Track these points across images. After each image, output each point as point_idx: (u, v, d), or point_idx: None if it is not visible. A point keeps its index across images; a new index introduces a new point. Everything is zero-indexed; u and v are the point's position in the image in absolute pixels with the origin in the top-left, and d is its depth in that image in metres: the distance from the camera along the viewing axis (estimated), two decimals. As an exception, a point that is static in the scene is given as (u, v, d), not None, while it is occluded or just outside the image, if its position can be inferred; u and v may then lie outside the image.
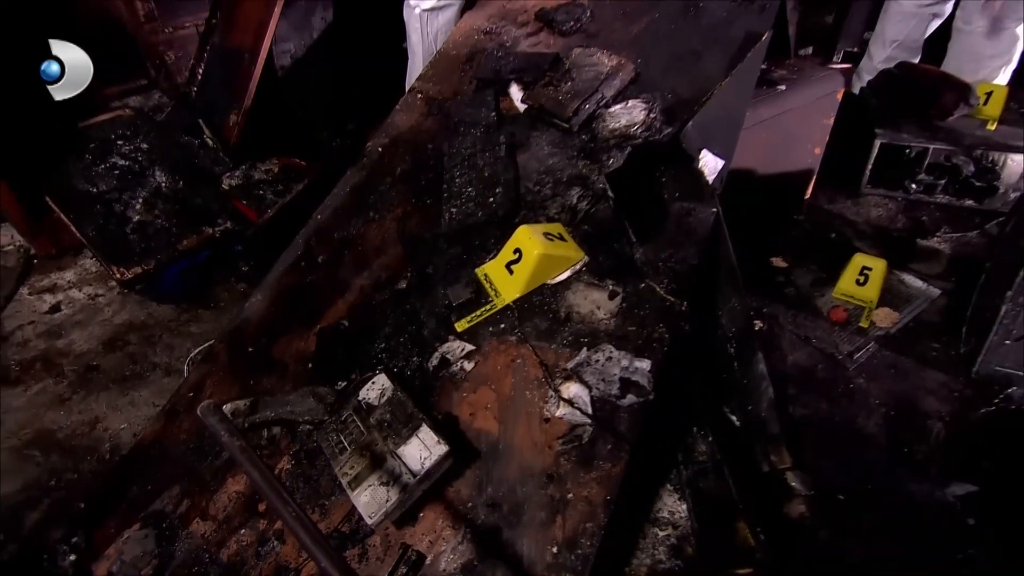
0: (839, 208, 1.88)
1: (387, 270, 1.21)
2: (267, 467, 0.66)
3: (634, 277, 1.06)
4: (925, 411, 1.25)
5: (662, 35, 1.44)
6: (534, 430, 0.93)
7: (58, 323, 1.55)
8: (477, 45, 1.59)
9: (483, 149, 1.31)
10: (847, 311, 1.48)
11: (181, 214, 1.75)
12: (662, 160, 1.24)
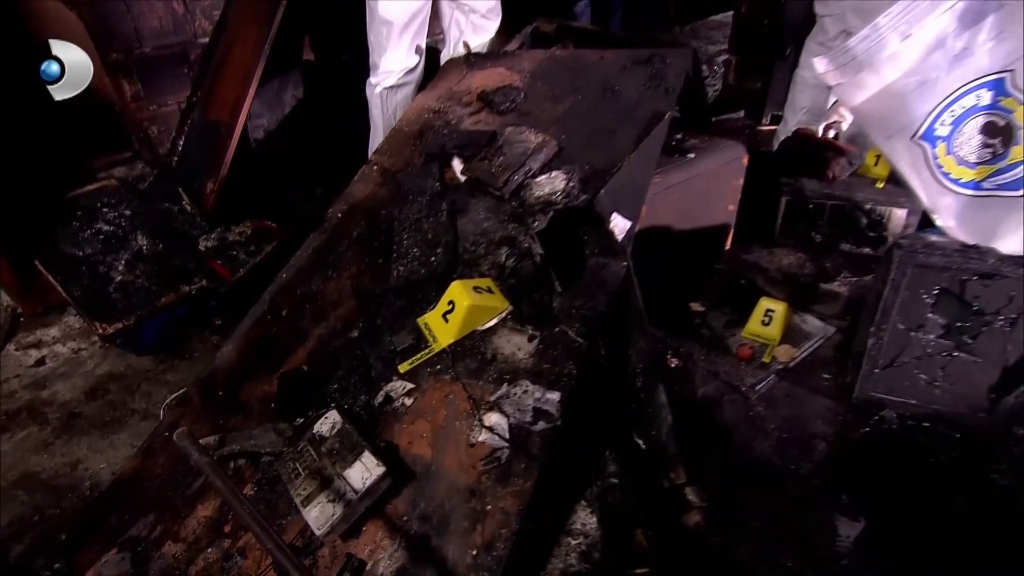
0: (755, 257, 2.11)
1: (342, 321, 1.39)
2: (232, 483, 0.82)
3: (550, 323, 1.26)
4: (812, 433, 1.45)
5: (583, 115, 1.68)
6: (461, 454, 1.10)
7: (43, 375, 1.69)
8: (427, 122, 1.83)
9: (428, 215, 1.52)
10: (752, 348, 1.69)
11: (160, 273, 1.92)
12: (580, 222, 1.46)
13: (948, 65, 1.37)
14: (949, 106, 1.39)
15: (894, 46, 1.37)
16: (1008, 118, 1.37)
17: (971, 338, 1.38)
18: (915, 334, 1.42)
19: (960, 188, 1.45)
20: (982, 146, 1.41)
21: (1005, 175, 1.40)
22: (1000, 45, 1.33)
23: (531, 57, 1.95)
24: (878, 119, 1.52)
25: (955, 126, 1.41)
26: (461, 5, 2.13)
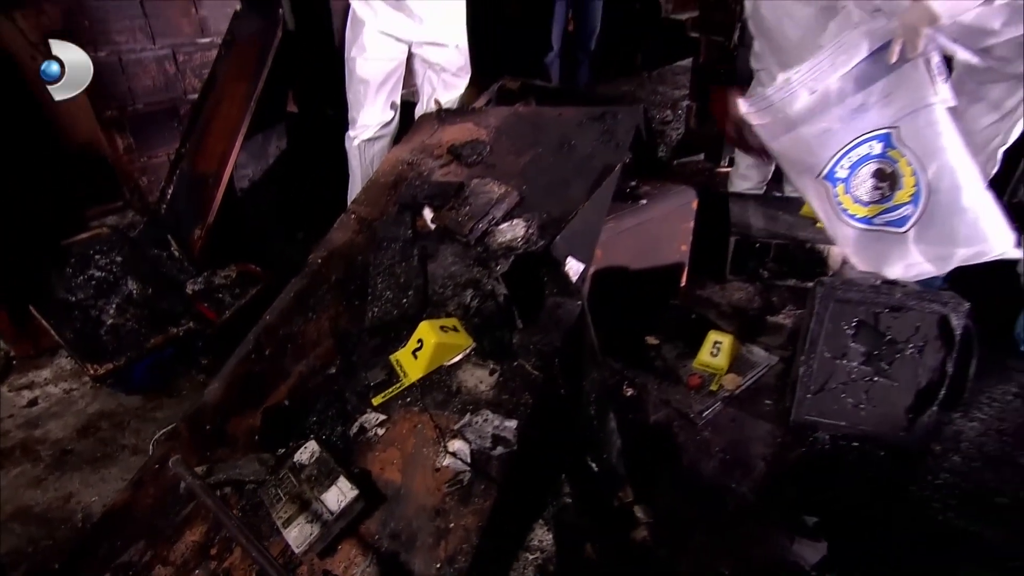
0: (709, 293, 2.28)
1: (321, 359, 1.52)
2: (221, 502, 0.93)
3: (509, 358, 1.40)
4: (752, 454, 1.59)
5: (542, 167, 1.85)
6: (427, 477, 1.22)
7: (36, 415, 1.78)
8: (401, 174, 1.99)
9: (400, 260, 1.66)
10: (701, 378, 1.84)
11: (149, 316, 2.03)
12: (539, 265, 1.61)
13: (847, 118, 1.60)
14: (847, 153, 1.63)
15: (803, 99, 1.60)
16: (894, 166, 1.60)
17: (887, 364, 1.54)
18: (840, 362, 1.58)
19: (855, 222, 1.71)
20: (874, 188, 1.66)
21: (891, 214, 1.65)
22: (888, 105, 1.55)
23: (497, 113, 2.13)
24: (791, 159, 1.76)
25: (852, 170, 1.66)
26: (433, 65, 2.32)
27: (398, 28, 2.19)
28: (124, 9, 2.21)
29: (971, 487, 1.47)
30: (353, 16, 2.20)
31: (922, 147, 1.58)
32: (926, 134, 1.57)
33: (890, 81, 1.52)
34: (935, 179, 1.59)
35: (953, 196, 1.60)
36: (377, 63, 2.22)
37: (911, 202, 1.62)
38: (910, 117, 1.56)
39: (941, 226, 1.63)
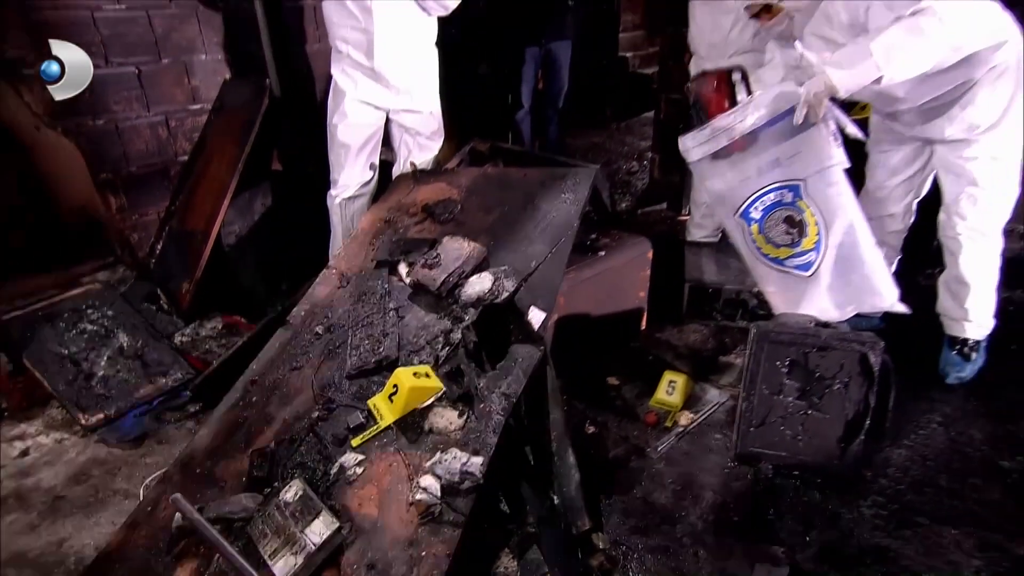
0: (667, 335, 2.45)
1: (304, 405, 1.64)
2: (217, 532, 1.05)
3: (477, 401, 1.54)
4: (702, 484, 1.73)
5: (508, 224, 2.04)
6: (402, 511, 1.34)
7: (28, 465, 1.86)
8: (379, 231, 2.15)
9: (377, 312, 1.81)
10: (658, 415, 1.99)
11: (139, 368, 2.15)
12: (504, 315, 1.77)
13: (763, 167, 1.84)
14: (761, 196, 1.88)
15: (724, 144, 1.86)
16: (802, 215, 1.84)
17: (818, 399, 1.71)
18: (777, 397, 1.75)
19: (768, 261, 1.97)
20: (785, 233, 1.90)
21: (799, 259, 1.89)
22: (798, 161, 1.80)
23: (467, 174, 2.32)
24: (716, 195, 2.01)
25: (765, 213, 1.91)
26: (408, 129, 2.53)
27: (376, 97, 2.39)
28: (123, 81, 2.39)
29: (896, 508, 1.63)
30: (335, 86, 2.41)
31: (824, 202, 1.82)
32: (827, 192, 1.81)
33: (800, 139, 1.77)
34: (833, 233, 1.82)
35: (849, 251, 1.84)
36: (357, 128, 2.42)
37: (814, 249, 1.87)
38: (816, 174, 1.80)
39: (840, 276, 1.87)
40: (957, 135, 1.87)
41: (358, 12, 2.23)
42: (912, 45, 1.58)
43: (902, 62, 1.59)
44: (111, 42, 2.32)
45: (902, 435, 1.86)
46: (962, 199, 1.95)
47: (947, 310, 2.11)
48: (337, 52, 2.37)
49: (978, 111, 1.82)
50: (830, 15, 1.82)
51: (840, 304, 1.90)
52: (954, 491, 1.67)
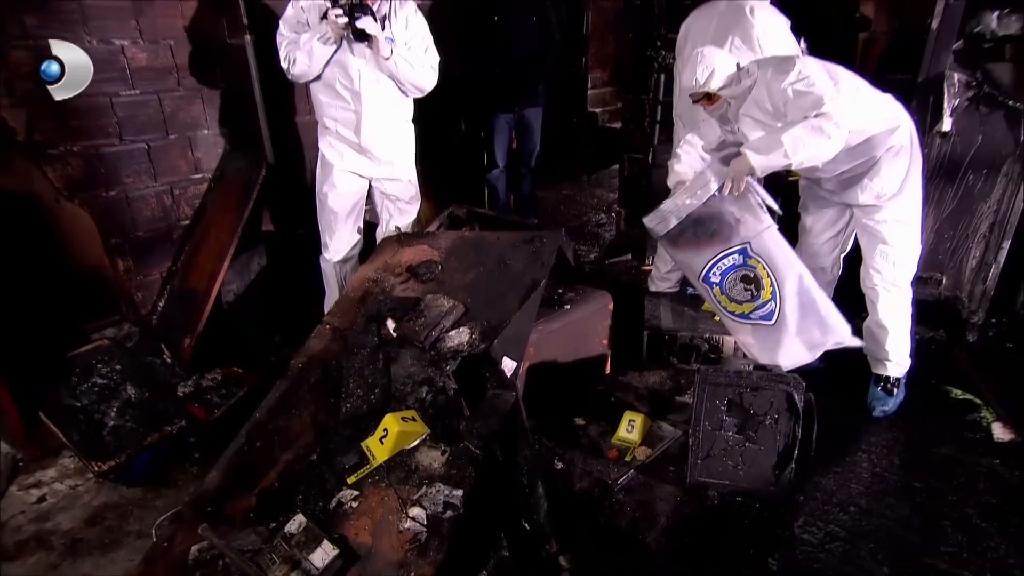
0: (629, 379, 2.71)
1: (304, 448, 1.85)
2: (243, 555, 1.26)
3: (457, 441, 1.77)
4: (658, 512, 1.97)
5: (483, 282, 2.30)
6: (393, 538, 1.56)
7: (45, 510, 2.03)
8: (368, 290, 2.40)
9: (368, 364, 2.04)
10: (619, 451, 2.23)
11: (146, 417, 2.33)
12: (481, 364, 2.02)
13: (704, 239, 2.19)
14: (716, 263, 2.21)
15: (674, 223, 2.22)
16: (755, 272, 2.14)
17: (754, 433, 1.97)
18: (719, 432, 2.01)
19: (736, 318, 2.23)
20: (743, 290, 2.20)
21: (761, 310, 2.18)
22: (740, 227, 2.13)
23: (447, 237, 2.60)
24: (680, 263, 2.39)
25: (723, 276, 2.21)
26: (389, 195, 2.80)
27: (361, 168, 2.68)
28: (134, 157, 2.64)
29: (822, 526, 1.88)
30: (323, 159, 2.69)
31: (769, 259, 2.14)
32: (770, 248, 2.14)
33: (738, 208, 2.12)
34: (785, 284, 2.12)
35: (803, 297, 2.13)
36: (345, 197, 2.69)
37: (772, 299, 2.16)
38: (758, 236, 2.14)
39: (802, 320, 2.14)
40: (868, 201, 2.21)
41: (348, 96, 2.53)
42: (813, 141, 1.92)
43: (806, 153, 1.95)
44: (126, 123, 2.58)
45: (831, 463, 2.13)
46: (876, 255, 2.27)
47: (871, 351, 2.41)
48: (324, 128, 2.66)
49: (883, 182, 2.16)
50: (759, 101, 2.16)
51: (810, 345, 2.17)
52: (872, 510, 1.93)
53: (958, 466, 2.10)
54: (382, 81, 2.56)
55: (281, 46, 2.46)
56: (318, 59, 2.43)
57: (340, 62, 2.48)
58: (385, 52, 2.45)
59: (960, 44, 2.63)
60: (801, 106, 1.98)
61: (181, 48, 2.71)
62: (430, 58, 2.61)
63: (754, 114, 2.19)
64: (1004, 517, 1.88)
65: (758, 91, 2.14)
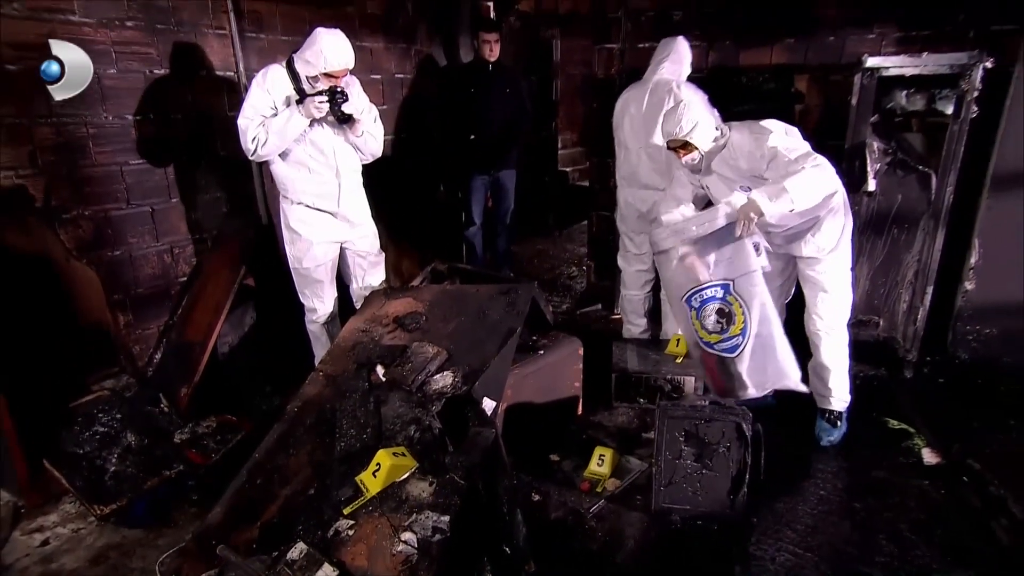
0: (599, 418, 2.93)
1: (302, 483, 2.02)
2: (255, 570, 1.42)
3: (443, 473, 1.96)
4: (626, 536, 2.16)
5: (464, 331, 2.53)
6: (387, 561, 1.72)
7: (49, 552, 2.13)
8: (358, 339, 2.61)
9: (360, 406, 2.23)
10: (591, 483, 2.43)
11: (146, 463, 2.46)
12: (463, 405, 2.23)
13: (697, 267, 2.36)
14: (699, 291, 2.38)
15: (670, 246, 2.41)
16: (730, 308, 2.35)
17: (709, 460, 2.20)
18: (679, 461, 2.23)
19: (703, 345, 2.43)
20: (716, 322, 2.38)
21: (727, 343, 2.37)
22: (729, 265, 2.33)
23: (430, 290, 2.84)
24: (668, 281, 2.54)
25: (702, 304, 2.39)
26: (360, 252, 2.99)
27: (336, 234, 2.88)
28: (139, 219, 2.86)
29: (773, 543, 2.09)
30: (295, 234, 2.81)
31: (748, 299, 2.33)
32: (751, 290, 2.33)
33: (732, 248, 2.31)
34: (756, 323, 2.34)
35: (766, 340, 2.35)
36: (326, 264, 2.90)
37: (740, 334, 2.35)
38: (743, 276, 2.32)
39: (759, 359, 2.36)
40: (811, 253, 2.51)
41: (326, 171, 2.73)
42: (812, 186, 2.20)
43: (807, 198, 2.20)
44: (133, 188, 2.81)
45: (782, 488, 2.35)
46: (818, 302, 2.57)
47: (815, 388, 2.67)
48: (294, 203, 2.76)
49: (824, 237, 2.47)
50: (728, 159, 2.45)
51: (758, 384, 2.39)
52: (816, 527, 2.15)
53: (893, 487, 2.34)
54: (351, 153, 2.79)
55: (248, 129, 2.53)
56: (289, 140, 2.57)
57: (312, 141, 2.65)
58: (359, 130, 2.70)
59: (876, 118, 3.03)
60: (784, 163, 2.25)
61: (186, 121, 2.98)
62: (380, 128, 2.84)
63: (724, 171, 2.49)
64: (930, 530, 2.12)
65: (730, 151, 2.42)
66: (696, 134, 2.40)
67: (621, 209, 3.39)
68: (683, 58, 3.07)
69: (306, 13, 3.42)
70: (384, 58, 4.02)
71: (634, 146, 3.15)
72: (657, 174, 3.07)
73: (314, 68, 2.51)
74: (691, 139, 2.41)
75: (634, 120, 3.11)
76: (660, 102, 2.93)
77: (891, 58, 3.03)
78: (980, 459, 2.38)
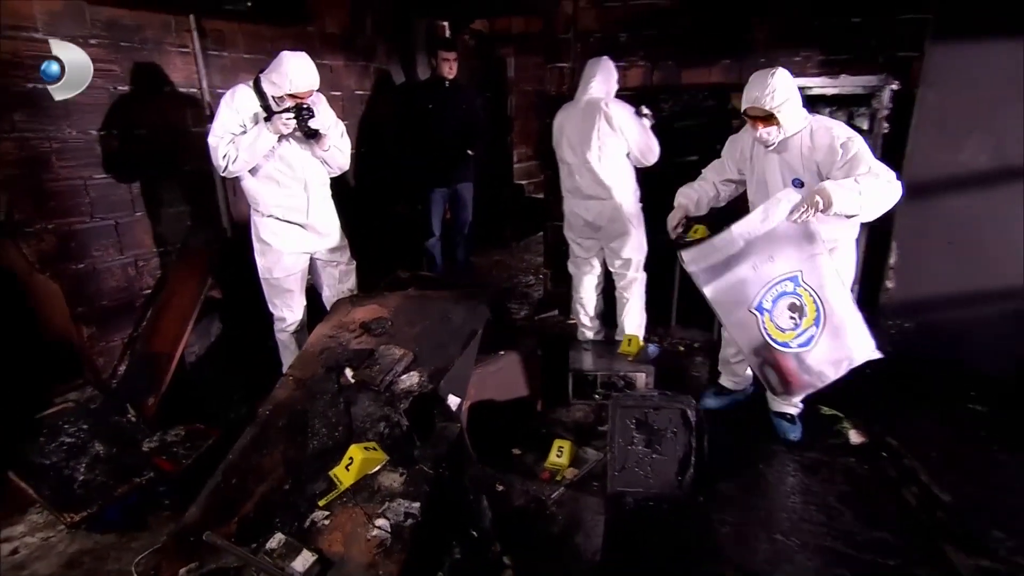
0: (557, 414, 3.10)
1: (277, 480, 2.11)
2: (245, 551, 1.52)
3: (412, 464, 2.09)
4: (584, 519, 2.32)
5: (429, 334, 2.67)
6: (362, 545, 1.84)
7: (20, 561, 2.14)
8: (325, 345, 2.71)
9: (330, 406, 2.34)
10: (551, 473, 2.59)
11: (115, 471, 2.50)
12: (429, 402, 2.36)
13: (763, 266, 2.28)
14: (769, 289, 2.30)
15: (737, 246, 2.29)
16: (801, 300, 2.28)
17: (659, 445, 2.39)
18: (631, 447, 2.41)
19: (779, 347, 2.33)
20: (789, 318, 2.30)
21: (801, 337, 2.31)
22: (792, 257, 2.27)
23: (394, 297, 2.97)
24: (724, 299, 2.35)
25: (774, 303, 2.30)
26: (330, 262, 3.12)
27: (306, 244, 2.99)
28: (103, 233, 2.89)
29: (718, 518, 2.29)
30: (265, 245, 2.91)
31: (817, 284, 2.27)
32: (819, 274, 2.27)
33: (793, 237, 2.24)
34: (829, 306, 2.27)
35: (840, 321, 2.28)
36: (296, 275, 3.01)
37: (814, 324, 2.28)
38: (808, 263, 2.26)
39: (836, 342, 2.29)
40: None
41: (294, 185, 2.84)
42: (882, 198, 2.18)
43: (872, 207, 2.17)
44: (97, 202, 2.85)
45: (734, 473, 2.55)
46: None
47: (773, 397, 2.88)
48: (265, 216, 2.86)
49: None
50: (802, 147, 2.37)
51: (837, 366, 2.30)
52: (755, 504, 2.36)
53: (823, 465, 2.59)
54: (318, 167, 2.92)
55: (219, 147, 2.62)
56: (258, 156, 2.67)
57: (282, 156, 2.75)
58: (326, 145, 2.83)
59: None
60: (862, 168, 2.21)
61: (151, 136, 3.04)
62: (347, 141, 2.97)
63: (791, 157, 2.40)
64: (854, 499, 2.36)
65: (806, 140, 2.35)
66: (785, 110, 2.31)
67: (568, 219, 3.58)
68: (610, 76, 3.26)
69: (267, 32, 3.52)
70: (344, 75, 4.15)
71: (574, 161, 3.29)
72: (598, 185, 3.24)
73: (280, 89, 2.62)
74: (778, 113, 2.31)
75: (571, 139, 3.26)
76: (592, 120, 3.14)
77: (815, 79, 3.35)
78: (897, 437, 2.65)
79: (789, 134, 2.38)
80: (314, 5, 3.83)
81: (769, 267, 2.28)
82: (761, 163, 2.53)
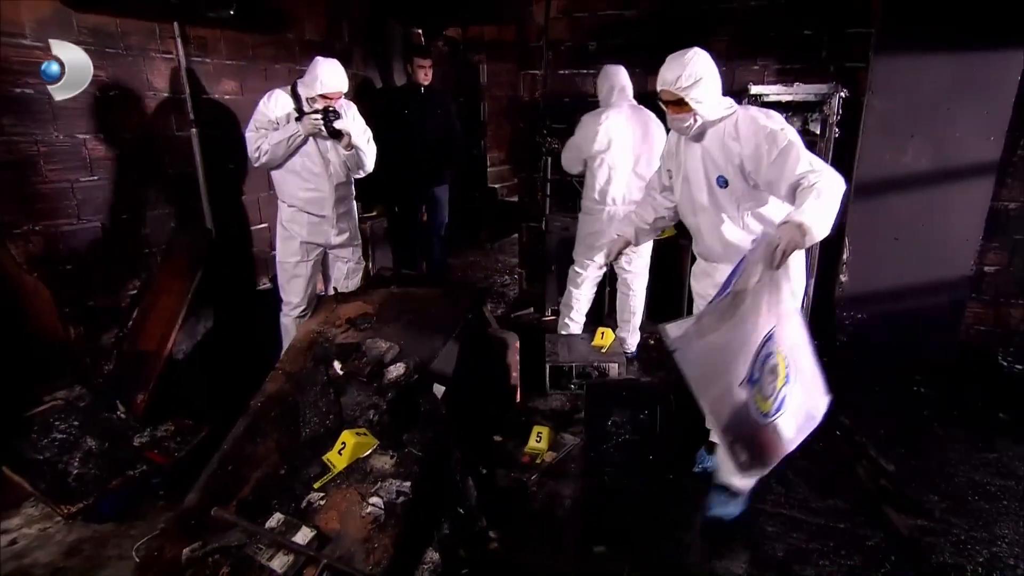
0: (536, 403, 3.25)
1: (272, 466, 2.22)
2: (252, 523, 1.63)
3: (401, 448, 2.22)
4: (563, 496, 2.48)
5: (414, 327, 2.80)
6: (357, 522, 1.96)
7: (19, 551, 2.20)
8: (313, 340, 2.82)
9: (321, 396, 2.45)
10: (531, 457, 2.75)
11: (108, 464, 2.57)
12: (415, 391, 2.49)
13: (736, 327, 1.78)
14: (760, 352, 1.79)
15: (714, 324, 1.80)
16: (775, 360, 1.84)
17: (632, 426, 2.57)
18: (606, 430, 2.58)
19: (763, 419, 1.86)
20: (769, 383, 1.83)
21: (777, 401, 1.86)
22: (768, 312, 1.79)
23: (379, 294, 3.09)
24: (708, 375, 1.81)
25: (761, 369, 1.81)
26: (343, 257, 3.33)
27: (322, 237, 3.22)
28: (90, 233, 2.96)
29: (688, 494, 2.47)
30: (286, 233, 3.19)
31: (788, 340, 1.86)
32: (789, 329, 1.86)
33: (769, 293, 1.78)
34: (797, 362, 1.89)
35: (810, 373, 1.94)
36: (308, 263, 3.19)
37: (785, 383, 1.86)
38: (781, 320, 1.83)
39: (804, 396, 1.94)
40: None
41: (317, 180, 3.10)
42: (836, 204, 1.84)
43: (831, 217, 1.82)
44: (83, 204, 2.91)
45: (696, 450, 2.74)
46: None
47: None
48: (288, 207, 3.15)
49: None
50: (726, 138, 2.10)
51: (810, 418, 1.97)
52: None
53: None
54: (341, 166, 3.16)
55: (251, 141, 2.96)
56: (287, 152, 2.98)
57: (308, 153, 3.03)
58: (348, 146, 3.06)
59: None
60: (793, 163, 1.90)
61: (135, 140, 3.11)
62: (372, 147, 3.23)
63: (713, 149, 2.12)
64: (810, 473, 2.57)
65: (731, 130, 2.07)
66: (695, 94, 2.03)
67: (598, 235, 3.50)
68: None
69: (249, 39, 3.62)
70: (323, 81, 4.25)
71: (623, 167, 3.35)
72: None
73: (311, 90, 2.92)
74: (687, 96, 2.05)
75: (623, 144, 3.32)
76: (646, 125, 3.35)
77: (771, 86, 3.59)
78: (850, 417, 2.88)
79: (707, 120, 2.10)
80: (293, 12, 3.94)
81: (753, 329, 1.81)
82: (684, 156, 2.26)
